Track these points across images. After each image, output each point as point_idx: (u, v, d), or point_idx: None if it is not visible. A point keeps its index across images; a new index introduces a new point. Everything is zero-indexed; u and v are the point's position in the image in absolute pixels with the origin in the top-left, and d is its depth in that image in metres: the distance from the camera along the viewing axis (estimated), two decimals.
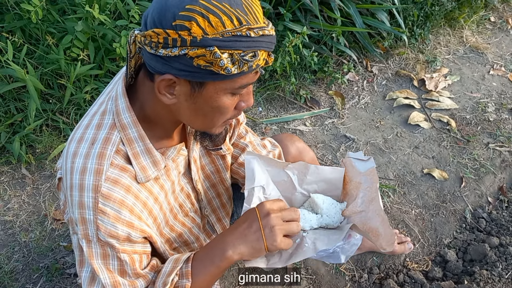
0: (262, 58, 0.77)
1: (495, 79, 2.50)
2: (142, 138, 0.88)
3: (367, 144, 2.11)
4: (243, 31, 0.72)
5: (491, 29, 2.88)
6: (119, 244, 0.87)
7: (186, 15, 0.70)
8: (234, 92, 0.81)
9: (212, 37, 0.70)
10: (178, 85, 0.78)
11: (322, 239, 0.99)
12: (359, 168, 1.12)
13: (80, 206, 0.83)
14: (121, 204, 0.84)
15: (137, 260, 0.91)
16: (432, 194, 1.91)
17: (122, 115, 0.86)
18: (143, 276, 0.93)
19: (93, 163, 0.83)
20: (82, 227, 0.85)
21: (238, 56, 0.73)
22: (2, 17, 1.96)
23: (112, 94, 0.90)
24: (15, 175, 1.90)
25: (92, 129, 0.87)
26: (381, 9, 2.40)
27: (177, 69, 0.75)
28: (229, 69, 0.73)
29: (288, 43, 2.05)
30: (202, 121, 0.87)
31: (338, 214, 1.10)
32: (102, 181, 0.82)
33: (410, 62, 2.56)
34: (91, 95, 1.93)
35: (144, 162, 0.89)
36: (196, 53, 0.71)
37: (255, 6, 0.75)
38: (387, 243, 0.98)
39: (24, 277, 1.59)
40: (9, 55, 1.69)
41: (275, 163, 1.13)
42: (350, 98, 2.35)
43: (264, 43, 0.75)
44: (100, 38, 1.91)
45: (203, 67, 0.73)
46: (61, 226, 1.73)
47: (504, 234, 1.76)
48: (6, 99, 1.94)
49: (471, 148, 2.10)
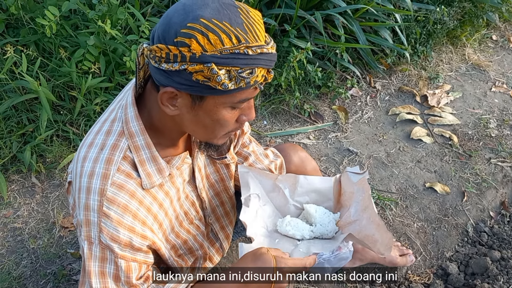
0: (261, 75, 0.80)
1: (497, 96, 2.54)
2: (149, 146, 0.92)
3: (370, 158, 2.14)
4: (241, 49, 0.75)
5: (493, 47, 2.93)
6: (120, 249, 0.89)
7: (187, 32, 0.74)
8: (234, 106, 0.84)
9: (211, 54, 0.74)
10: (180, 97, 0.83)
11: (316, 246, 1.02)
12: (353, 179, 1.15)
13: (85, 208, 0.87)
14: (124, 209, 0.88)
15: (134, 268, 0.93)
16: (434, 208, 1.93)
17: (130, 123, 0.91)
18: (135, 286, 0.93)
19: (101, 168, 0.87)
20: (86, 229, 0.88)
21: (235, 72, 0.76)
22: (18, 31, 2.04)
23: (122, 103, 0.95)
24: (25, 183, 1.95)
25: (102, 135, 0.92)
26: (384, 27, 2.46)
27: (178, 82, 0.79)
28: (226, 85, 0.77)
29: (293, 58, 2.11)
30: (203, 132, 0.91)
31: (332, 224, 1.12)
32: (108, 186, 0.86)
33: (413, 79, 2.61)
34: (101, 107, 1.99)
35: (149, 169, 0.93)
36: (195, 68, 0.75)
37: (256, 24, 0.78)
38: (385, 247, 1.00)
39: (31, 283, 1.63)
40: (23, 67, 1.76)
41: (266, 175, 1.16)
42: (354, 113, 2.39)
43: (263, 61, 0.78)
44: (111, 52, 1.98)
45: (202, 82, 0.77)
46: (68, 233, 1.77)
47: (506, 248, 1.77)
48: (19, 110, 2.01)
49: (473, 163, 2.12)
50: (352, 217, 1.10)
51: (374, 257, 1.67)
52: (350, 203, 1.12)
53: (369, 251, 1.65)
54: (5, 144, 1.94)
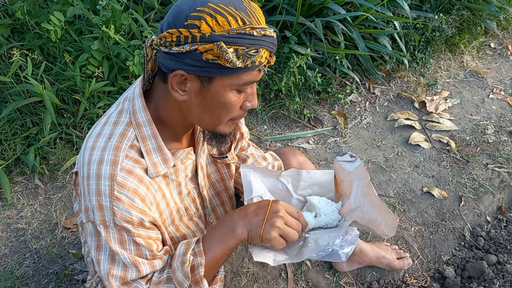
0: (264, 57, 0.85)
1: (494, 103, 2.57)
2: (155, 136, 0.96)
3: (369, 162, 2.17)
4: (247, 29, 0.81)
5: (491, 55, 2.97)
6: (134, 228, 0.93)
7: (196, 15, 0.80)
8: (239, 89, 0.89)
9: (219, 34, 0.80)
10: (189, 81, 0.87)
11: (323, 238, 1.05)
12: (348, 168, 1.18)
13: (97, 194, 0.90)
14: (134, 193, 0.91)
15: (153, 244, 0.98)
16: (431, 212, 1.95)
17: (138, 114, 0.94)
18: (160, 257, 1.00)
19: (110, 155, 0.90)
20: (100, 213, 0.92)
21: (242, 51, 0.82)
22: (23, 35, 2.08)
23: (129, 95, 0.99)
24: (29, 185, 1.98)
25: (110, 126, 0.95)
26: (383, 34, 2.50)
27: (188, 64, 0.84)
28: (234, 62, 0.82)
29: (293, 64, 2.14)
30: (209, 118, 0.94)
31: (335, 213, 1.15)
32: (118, 171, 0.90)
33: (412, 85, 2.64)
34: (103, 110, 2.03)
35: (155, 159, 0.96)
36: (205, 47, 0.80)
37: (257, 12, 0.84)
38: (389, 228, 1.03)
39: (34, 282, 1.65)
40: (29, 71, 1.79)
41: (270, 173, 1.19)
42: (353, 118, 2.42)
43: (266, 43, 0.84)
44: (114, 57, 2.01)
45: (211, 60, 0.82)
46: (70, 234, 1.80)
47: (502, 252, 1.79)
48: (23, 113, 2.04)
49: (471, 168, 2.15)
50: (354, 204, 1.13)
51: (371, 260, 1.70)
52: (350, 191, 1.16)
53: (367, 253, 1.68)
54: (9, 146, 1.97)
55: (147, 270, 0.97)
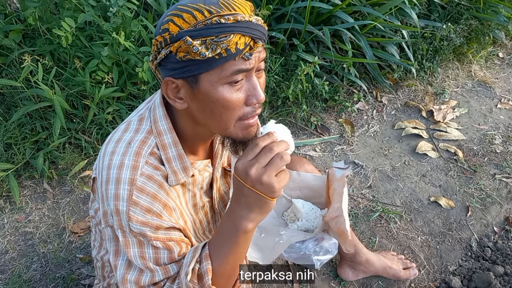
0: (242, 42, 0.81)
1: (502, 113, 2.56)
2: (176, 144, 0.96)
3: (375, 171, 2.17)
4: (214, 19, 0.80)
5: (499, 65, 2.96)
6: (152, 232, 0.91)
7: (166, 19, 0.83)
8: (229, 81, 0.84)
9: (186, 30, 0.80)
10: (181, 87, 0.87)
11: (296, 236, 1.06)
12: (337, 175, 1.18)
13: (115, 198, 0.89)
14: (154, 198, 0.91)
15: (174, 246, 0.95)
16: (438, 222, 1.95)
17: (159, 122, 0.95)
18: (177, 262, 0.96)
19: (130, 160, 0.90)
20: (117, 218, 0.91)
21: (210, 41, 0.80)
22: (34, 41, 2.10)
23: (150, 105, 0.99)
24: (37, 189, 2.00)
25: (130, 133, 0.96)
26: (391, 43, 2.50)
27: (170, 69, 0.85)
28: (203, 53, 0.80)
29: (301, 72, 2.15)
30: (213, 120, 0.90)
31: (317, 220, 1.15)
32: (138, 176, 0.89)
33: (419, 94, 2.64)
34: (112, 115, 2.05)
35: (175, 167, 0.96)
36: (175, 46, 0.81)
37: (236, 2, 0.83)
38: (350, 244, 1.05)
39: (41, 286, 1.66)
40: (39, 76, 1.82)
41: None
42: (360, 126, 2.43)
43: (239, 28, 0.81)
44: (124, 63, 2.03)
45: (184, 57, 0.81)
46: (78, 239, 1.81)
47: (509, 263, 1.78)
48: (33, 117, 2.06)
49: (478, 178, 2.14)
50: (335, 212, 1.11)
51: (378, 270, 1.69)
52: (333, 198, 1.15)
53: (373, 263, 1.67)
54: (19, 150, 1.99)
55: (160, 276, 0.96)
